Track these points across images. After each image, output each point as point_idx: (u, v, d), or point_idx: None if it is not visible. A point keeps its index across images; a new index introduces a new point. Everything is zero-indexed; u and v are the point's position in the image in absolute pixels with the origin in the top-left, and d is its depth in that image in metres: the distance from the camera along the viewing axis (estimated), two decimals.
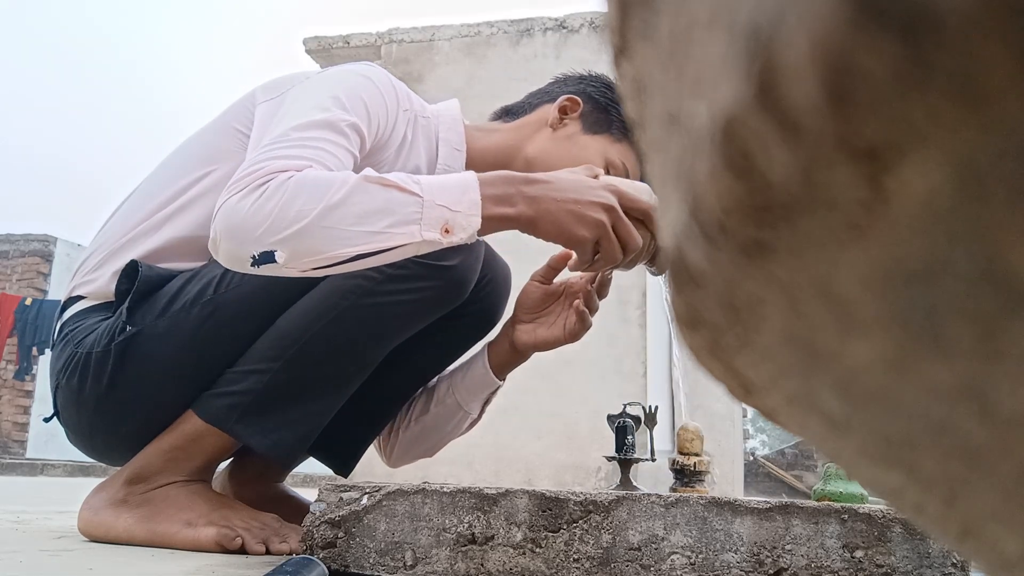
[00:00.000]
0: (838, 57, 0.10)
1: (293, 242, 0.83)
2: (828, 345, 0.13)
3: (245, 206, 0.84)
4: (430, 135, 1.14)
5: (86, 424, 1.08)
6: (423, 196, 0.85)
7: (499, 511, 0.76)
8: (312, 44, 5.13)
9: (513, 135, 1.19)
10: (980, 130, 0.10)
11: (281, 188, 0.84)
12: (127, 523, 1.01)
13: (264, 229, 0.83)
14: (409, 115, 1.11)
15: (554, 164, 1.13)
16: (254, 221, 0.84)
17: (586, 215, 0.90)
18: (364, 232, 0.84)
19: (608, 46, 0.18)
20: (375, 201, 0.84)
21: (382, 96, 1.05)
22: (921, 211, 0.10)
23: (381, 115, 1.04)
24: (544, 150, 1.16)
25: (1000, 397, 0.12)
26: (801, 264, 0.12)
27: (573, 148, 1.16)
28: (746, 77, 0.11)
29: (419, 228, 0.84)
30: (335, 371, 1.04)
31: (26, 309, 7.48)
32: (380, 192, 0.84)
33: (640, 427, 1.18)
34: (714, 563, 0.73)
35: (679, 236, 0.15)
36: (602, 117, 1.18)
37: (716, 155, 0.12)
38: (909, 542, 0.73)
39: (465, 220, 0.86)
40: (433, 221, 0.85)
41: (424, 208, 0.84)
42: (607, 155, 1.16)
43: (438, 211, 0.85)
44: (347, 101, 1.00)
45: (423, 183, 0.87)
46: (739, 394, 0.18)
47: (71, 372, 1.05)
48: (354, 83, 1.03)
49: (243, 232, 0.84)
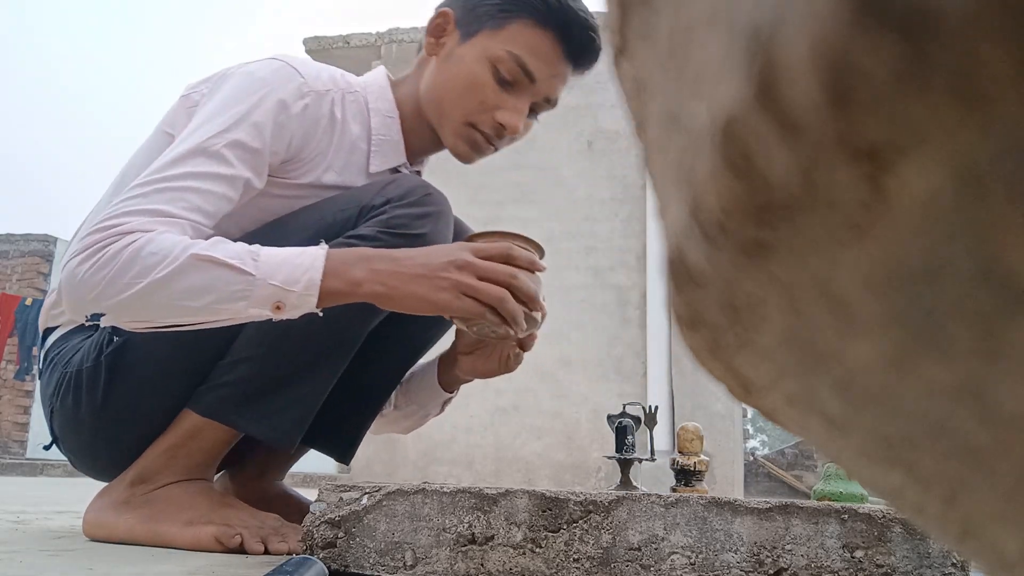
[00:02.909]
0: (838, 57, 0.10)
1: (118, 311, 0.89)
2: (828, 345, 0.13)
3: (80, 272, 0.88)
4: (361, 108, 1.13)
5: (87, 442, 1.07)
6: (255, 275, 0.88)
7: (499, 511, 0.76)
8: (312, 44, 5.13)
9: (414, 78, 1.17)
10: (980, 130, 0.10)
11: (116, 257, 0.88)
12: (129, 523, 1.01)
13: (93, 296, 0.88)
14: (332, 95, 1.09)
15: (442, 95, 1.11)
16: (85, 288, 0.88)
17: (438, 277, 0.92)
18: (187, 307, 0.88)
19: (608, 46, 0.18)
20: (201, 279, 0.87)
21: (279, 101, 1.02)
22: (921, 211, 0.10)
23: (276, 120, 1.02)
24: (430, 85, 1.13)
25: (1000, 397, 0.12)
26: (801, 264, 0.12)
27: (453, 67, 1.10)
28: (746, 77, 0.11)
29: (246, 304, 0.88)
30: (323, 350, 1.04)
31: (26, 309, 7.48)
32: (208, 270, 0.88)
33: (640, 427, 1.18)
34: (714, 563, 0.73)
35: (679, 236, 0.15)
36: (472, 14, 1.11)
37: (716, 155, 0.12)
38: (909, 542, 0.73)
39: (298, 299, 0.89)
40: (262, 299, 0.89)
41: (254, 287, 0.88)
42: (489, 53, 1.08)
43: (270, 290, 0.88)
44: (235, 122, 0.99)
45: (263, 259, 0.89)
46: (739, 394, 0.18)
47: (64, 392, 1.05)
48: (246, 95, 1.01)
49: (76, 295, 0.89)
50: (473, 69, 1.09)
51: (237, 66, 1.08)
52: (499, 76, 1.08)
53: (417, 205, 1.04)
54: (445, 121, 1.12)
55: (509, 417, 4.16)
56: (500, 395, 4.22)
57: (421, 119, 1.16)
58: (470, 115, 1.10)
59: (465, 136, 1.12)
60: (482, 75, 1.08)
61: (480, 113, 1.10)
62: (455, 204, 1.13)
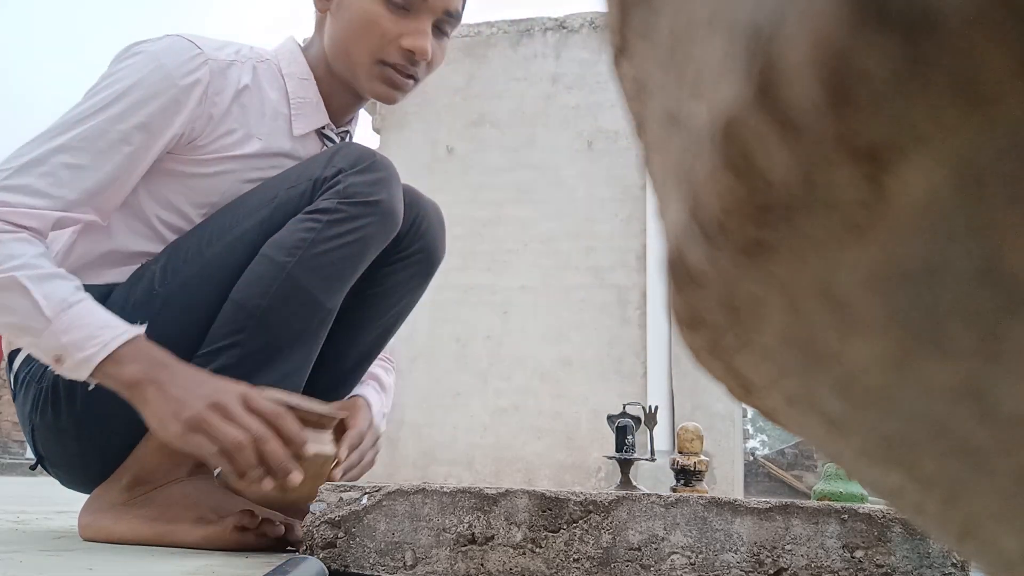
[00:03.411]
0: (838, 57, 0.10)
1: None
2: (828, 345, 0.13)
3: None
4: (276, 75, 1.14)
5: (73, 454, 1.06)
6: (51, 323, 0.91)
7: (499, 511, 0.76)
8: None
9: (318, 39, 1.18)
10: (980, 130, 0.10)
11: None
12: (131, 525, 1.00)
13: None
14: (239, 65, 1.09)
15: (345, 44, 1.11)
16: None
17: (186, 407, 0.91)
18: None
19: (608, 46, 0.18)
20: (8, 300, 0.92)
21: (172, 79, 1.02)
22: (921, 211, 0.10)
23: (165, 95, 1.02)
24: (331, 39, 1.13)
25: (1000, 397, 0.12)
26: (801, 264, 0.12)
27: (345, 13, 1.10)
28: (746, 77, 0.11)
29: (32, 342, 0.93)
30: (301, 326, 1.05)
31: None
32: (16, 296, 0.91)
33: (640, 427, 1.18)
34: (714, 563, 0.73)
35: (679, 236, 0.15)
36: None
37: (716, 155, 0.12)
38: (909, 542, 0.73)
39: (74, 366, 0.92)
40: (46, 348, 0.92)
41: (44, 333, 0.91)
42: None
43: (54, 343, 0.91)
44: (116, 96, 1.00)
45: (72, 313, 0.92)
46: (739, 394, 0.18)
47: (43, 406, 1.04)
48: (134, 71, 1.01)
49: None
50: (364, 7, 1.09)
51: (131, 44, 1.08)
52: (390, 4, 1.08)
53: (368, 172, 1.05)
54: (356, 68, 1.12)
55: (509, 417, 4.16)
56: (500, 395, 4.22)
57: (334, 77, 1.16)
58: (376, 52, 1.10)
59: (379, 75, 1.11)
60: (374, 9, 1.08)
61: (385, 46, 1.09)
62: (455, 204, 1.14)
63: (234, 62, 1.09)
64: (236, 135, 1.09)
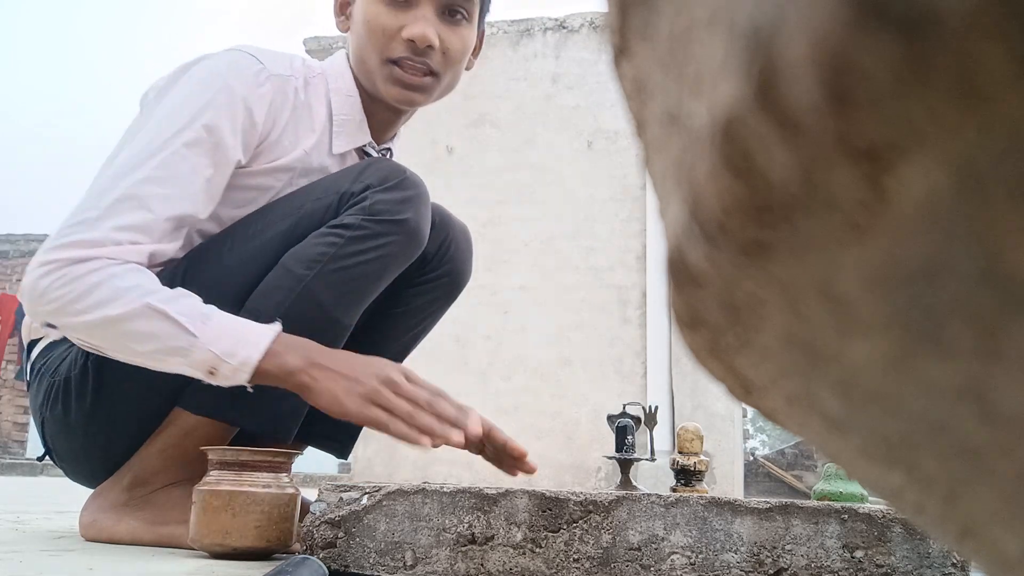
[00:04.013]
0: (838, 57, 0.10)
1: (68, 330, 0.94)
2: (828, 345, 0.13)
3: (42, 285, 0.92)
4: (325, 91, 1.13)
5: (80, 449, 1.07)
6: (198, 337, 0.91)
7: (499, 511, 0.76)
8: (312, 44, 5.13)
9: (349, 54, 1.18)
10: (980, 130, 0.10)
11: (77, 281, 0.91)
12: (130, 527, 1.01)
13: (50, 311, 0.93)
14: (294, 80, 1.09)
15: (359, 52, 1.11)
16: (44, 301, 0.92)
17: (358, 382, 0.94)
18: (130, 348, 0.93)
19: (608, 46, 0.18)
20: (148, 327, 0.91)
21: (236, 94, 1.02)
22: (921, 211, 0.10)
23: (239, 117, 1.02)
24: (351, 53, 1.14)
25: (1000, 397, 0.12)
26: (801, 264, 0.12)
27: (355, 24, 1.11)
28: (746, 77, 0.11)
29: (182, 362, 0.92)
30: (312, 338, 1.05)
31: None
32: (156, 321, 0.91)
33: (640, 427, 1.18)
34: (714, 563, 0.73)
35: (679, 236, 0.15)
36: None
37: (716, 155, 0.12)
38: (909, 542, 0.73)
39: (231, 372, 0.92)
40: (198, 362, 0.92)
41: (193, 349, 0.91)
42: None
43: (206, 355, 0.91)
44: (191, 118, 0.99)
45: (212, 323, 0.92)
46: (739, 394, 0.18)
47: (53, 401, 1.05)
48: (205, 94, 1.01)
49: (34, 305, 0.94)
50: (365, 9, 1.09)
51: (194, 60, 1.07)
52: (390, 3, 1.07)
53: (397, 189, 1.04)
54: (372, 75, 1.11)
55: (509, 417, 4.16)
56: (500, 395, 4.22)
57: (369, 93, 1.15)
58: (382, 51, 1.09)
59: (390, 76, 1.10)
60: (373, 9, 1.08)
61: (389, 43, 1.08)
62: (455, 204, 1.13)
63: (290, 76, 1.09)
64: (284, 150, 1.08)
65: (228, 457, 0.90)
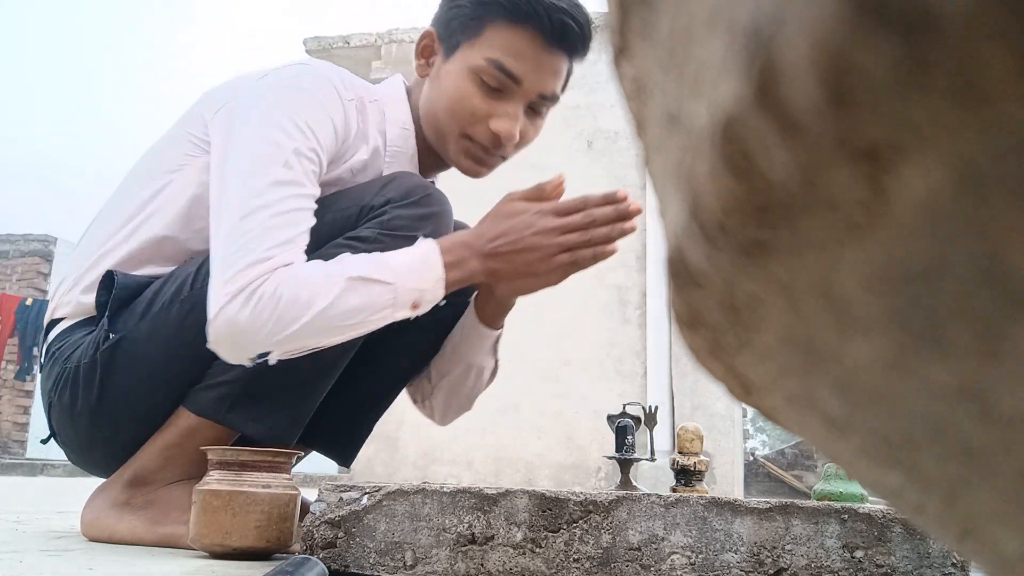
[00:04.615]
0: (838, 57, 0.10)
1: (287, 343, 0.94)
2: (828, 345, 0.13)
3: (243, 317, 0.92)
4: (379, 118, 1.14)
5: (84, 438, 1.08)
6: (395, 283, 0.95)
7: (499, 511, 0.76)
8: (312, 44, 5.13)
9: (416, 92, 1.17)
10: (980, 130, 0.10)
11: (274, 296, 0.92)
12: (131, 526, 1.01)
13: (262, 336, 0.92)
14: (355, 104, 1.09)
15: (436, 115, 1.11)
16: (252, 330, 0.92)
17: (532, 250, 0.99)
18: (346, 325, 0.95)
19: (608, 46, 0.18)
20: (358, 298, 0.94)
21: (323, 107, 1.03)
22: (921, 211, 0.10)
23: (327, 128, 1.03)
24: (425, 107, 1.14)
25: (1000, 397, 0.12)
26: (801, 264, 0.12)
27: (441, 85, 1.11)
28: (746, 77, 0.11)
29: (392, 311, 0.96)
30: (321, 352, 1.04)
31: (27, 309, 7.48)
32: (362, 289, 0.94)
33: (640, 427, 1.18)
34: (714, 563, 0.73)
35: (679, 236, 0.15)
36: (449, 29, 1.10)
37: (716, 155, 0.12)
38: (909, 542, 0.73)
39: (432, 295, 0.97)
40: (404, 303, 0.96)
41: (397, 294, 0.95)
42: (469, 64, 1.07)
43: (408, 293, 0.96)
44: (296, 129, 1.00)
45: (393, 266, 0.96)
46: (739, 394, 0.18)
47: (62, 388, 1.05)
48: (299, 103, 1.02)
49: (243, 340, 0.93)
50: (458, 84, 1.08)
51: (260, 73, 1.08)
52: (484, 85, 1.07)
53: (417, 206, 1.04)
54: (444, 139, 1.12)
55: (509, 417, 4.16)
56: (500, 395, 4.22)
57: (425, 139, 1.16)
58: (464, 128, 1.10)
59: (465, 150, 1.11)
60: (467, 88, 1.08)
61: (474, 125, 1.09)
62: (455, 204, 1.13)
63: (351, 101, 1.09)
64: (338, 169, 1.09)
65: (228, 457, 0.90)
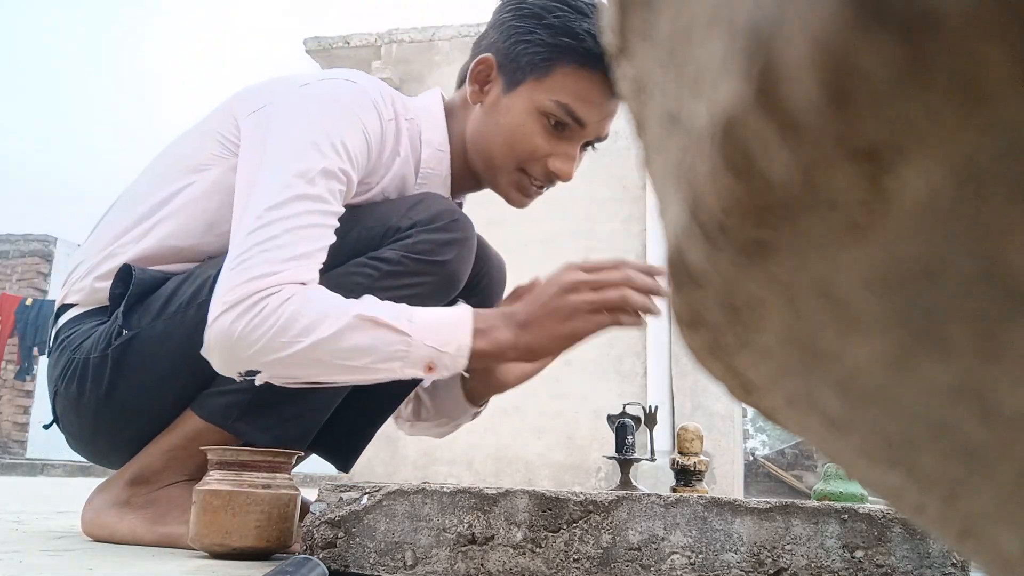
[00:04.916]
0: (838, 57, 0.10)
1: (277, 367, 0.90)
2: (828, 345, 0.13)
3: (238, 328, 0.88)
4: (414, 137, 1.12)
5: (88, 430, 1.08)
6: (412, 336, 0.90)
7: (499, 511, 0.76)
8: (312, 44, 5.13)
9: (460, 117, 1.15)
10: (980, 130, 0.10)
11: (275, 314, 0.88)
12: (132, 525, 1.01)
13: (251, 353, 0.89)
14: (393, 123, 1.09)
15: (491, 146, 1.10)
16: (244, 344, 0.89)
17: (559, 308, 0.94)
18: (346, 366, 0.90)
19: (608, 46, 0.18)
20: (363, 339, 0.89)
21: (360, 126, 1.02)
22: (921, 211, 0.10)
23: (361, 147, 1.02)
24: (477, 135, 1.12)
25: (1000, 397, 0.12)
26: (801, 264, 0.12)
27: (500, 118, 1.08)
28: (746, 77, 0.11)
29: (401, 365, 0.91)
30: None
31: (27, 309, 7.48)
32: (371, 331, 0.89)
33: (640, 427, 1.18)
34: (714, 563, 0.73)
35: (679, 236, 0.15)
36: (515, 62, 1.07)
37: (716, 155, 0.12)
38: (909, 542, 0.73)
39: (451, 361, 0.92)
40: (417, 360, 0.91)
41: (411, 348, 0.90)
42: (536, 104, 1.05)
43: (424, 351, 0.91)
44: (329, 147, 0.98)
45: (416, 320, 0.91)
46: (739, 394, 0.18)
47: (69, 378, 1.05)
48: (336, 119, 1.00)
49: (234, 353, 0.90)
50: (522, 121, 1.07)
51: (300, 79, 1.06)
52: (547, 125, 1.06)
53: (443, 231, 1.03)
54: (495, 170, 1.11)
55: (509, 417, 4.16)
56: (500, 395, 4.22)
57: (466, 163, 1.14)
58: (521, 163, 1.09)
59: (515, 183, 1.11)
60: (531, 127, 1.06)
61: (531, 161, 1.08)
62: None
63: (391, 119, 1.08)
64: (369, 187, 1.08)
65: (228, 457, 0.90)
